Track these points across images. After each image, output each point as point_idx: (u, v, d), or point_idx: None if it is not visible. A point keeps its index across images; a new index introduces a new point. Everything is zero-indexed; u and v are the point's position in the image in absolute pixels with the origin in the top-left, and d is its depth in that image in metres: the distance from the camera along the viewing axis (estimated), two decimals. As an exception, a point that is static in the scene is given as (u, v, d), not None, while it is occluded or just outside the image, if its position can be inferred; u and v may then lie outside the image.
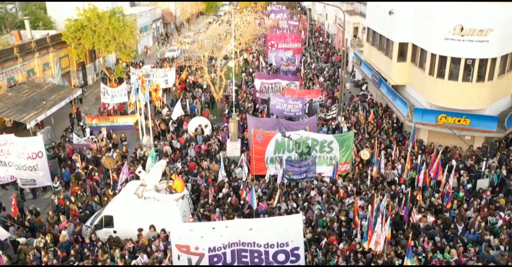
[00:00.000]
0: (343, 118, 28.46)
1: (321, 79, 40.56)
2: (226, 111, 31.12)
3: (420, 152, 23.59)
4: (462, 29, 21.67)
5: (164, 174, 18.76)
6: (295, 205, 18.98)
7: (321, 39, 63.49)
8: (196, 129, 26.18)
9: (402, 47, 26.99)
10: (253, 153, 21.12)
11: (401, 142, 25.66)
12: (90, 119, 29.67)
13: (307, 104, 27.51)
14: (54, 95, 31.40)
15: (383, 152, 22.99)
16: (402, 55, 27.16)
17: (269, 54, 46.83)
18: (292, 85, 33.02)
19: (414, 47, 26.24)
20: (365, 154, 22.67)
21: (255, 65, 46.67)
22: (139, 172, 17.50)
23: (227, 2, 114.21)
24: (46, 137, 29.16)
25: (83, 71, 42.91)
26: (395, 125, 28.27)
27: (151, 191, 17.27)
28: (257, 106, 32.63)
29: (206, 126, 26.06)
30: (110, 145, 26.43)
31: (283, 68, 41.19)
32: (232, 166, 22.70)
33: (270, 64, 46.12)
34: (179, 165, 22.66)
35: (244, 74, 42.90)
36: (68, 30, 37.23)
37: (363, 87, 38.79)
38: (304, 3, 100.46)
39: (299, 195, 19.65)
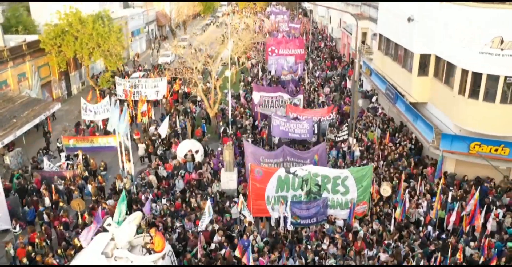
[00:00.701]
0: (354, 140, 24.89)
1: (327, 89, 36.98)
2: (222, 129, 27.52)
3: (448, 185, 20.07)
4: (502, 41, 18.12)
5: (140, 227, 15.18)
6: (303, 260, 15.41)
7: (323, 43, 59.87)
8: (185, 155, 22.57)
9: (424, 59, 23.41)
10: (251, 191, 17.53)
11: (420, 166, 22.13)
12: (67, 139, 25.98)
13: (315, 125, 23.89)
14: (28, 111, 27.80)
15: (405, 184, 19.52)
16: (423, 69, 23.58)
17: (269, 61, 43.21)
18: (295, 100, 29.44)
19: (439, 59, 22.68)
20: (385, 190, 19.11)
21: (254, 73, 43.04)
22: (108, 224, 13.91)
23: (225, 3, 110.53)
24: (15, 161, 25.63)
25: (66, 81, 39.28)
26: (412, 146, 24.72)
27: (123, 250, 13.70)
28: (256, 122, 29.05)
29: (197, 152, 22.45)
30: (86, 173, 22.80)
31: (283, 78, 37.55)
32: (227, 203, 19.14)
33: (270, 72, 42.55)
34: (164, 202, 19.09)
35: (242, 83, 39.30)
36: (47, 36, 33.58)
37: (373, 99, 35.18)
38: (305, 4, 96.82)
39: (309, 247, 16.05)
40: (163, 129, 25.70)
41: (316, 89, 37.40)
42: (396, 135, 26.26)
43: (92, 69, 43.23)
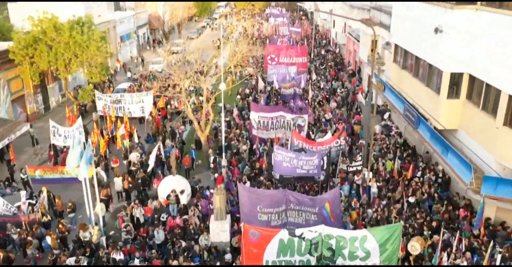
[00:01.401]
0: (370, 173, 21.02)
1: (333, 104, 33.08)
2: (212, 158, 23.55)
3: (490, 237, 16.22)
4: None
5: None
6: None
7: (326, 49, 55.94)
8: (168, 197, 18.64)
9: (455, 78, 19.52)
10: (244, 256, 13.64)
11: (449, 205, 18.31)
12: (33, 170, 21.99)
13: (325, 157, 19.99)
14: (-12, 135, 23.94)
15: (436, 237, 15.73)
16: (454, 90, 19.69)
17: (268, 70, 39.32)
18: (300, 121, 25.54)
19: (473, 80, 18.80)
20: (414, 247, 15.27)
21: (252, 84, 39.10)
22: None
23: (223, 4, 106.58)
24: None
25: (43, 93, 35.32)
26: (438, 179, 20.84)
27: None
28: (253, 147, 25.16)
29: (182, 192, 18.50)
30: (49, 217, 18.85)
31: (284, 92, 33.60)
32: (218, 263, 15.26)
33: (270, 83, 38.63)
34: (137, 262, 15.20)
35: (238, 97, 35.37)
36: (17, 45, 29.60)
37: (385, 116, 31.26)
38: (305, 5, 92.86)
39: None
40: (152, 161, 21.56)
41: (321, 103, 33.50)
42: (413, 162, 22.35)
43: (74, 81, 39.34)
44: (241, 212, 16.27)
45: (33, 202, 19.96)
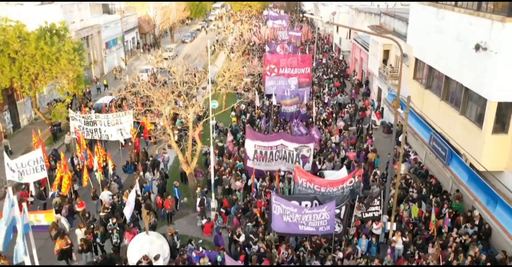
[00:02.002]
0: (394, 224, 16.95)
1: (340, 124, 29.04)
2: (199, 200, 19.44)
3: None
4: None
5: None
6: None
7: (329, 56, 51.87)
8: (139, 263, 14.47)
9: (503, 109, 15.51)
10: None
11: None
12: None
13: (343, 208, 15.90)
14: None
15: None
16: (501, 123, 15.67)
17: (267, 82, 35.33)
18: (305, 150, 21.48)
19: (528, 112, 14.82)
20: None
21: (247, 97, 34.92)
22: None
23: (219, 5, 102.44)
24: None
25: (12, 110, 31.13)
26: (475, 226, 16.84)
27: None
28: (249, 182, 21.09)
29: (156, 258, 14.34)
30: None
31: (285, 110, 29.46)
32: None
33: (268, 97, 34.60)
34: None
35: (233, 113, 31.25)
36: (-26, 59, 25.50)
37: (400, 138, 27.17)
38: (305, 7, 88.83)
39: None
40: (129, 210, 17.30)
41: (327, 122, 29.46)
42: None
43: (50, 94, 35.12)
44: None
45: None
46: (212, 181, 20.02)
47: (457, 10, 17.50)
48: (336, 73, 42.32)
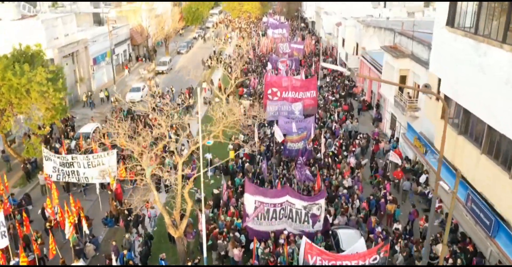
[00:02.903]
0: None
1: (352, 161, 25.63)
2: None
3: None
4: None
5: None
6: None
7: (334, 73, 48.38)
8: None
9: None
10: None
11: None
12: None
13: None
14: None
15: None
16: None
17: (269, 107, 31.85)
18: (315, 208, 18.04)
19: None
20: None
21: (244, 124, 31.39)
22: None
23: (216, 11, 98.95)
24: None
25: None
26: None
27: None
28: (251, 246, 17.65)
29: None
30: None
31: (290, 146, 25.94)
32: None
33: (270, 125, 31.20)
34: None
35: (230, 146, 27.74)
36: None
37: (421, 179, 23.79)
38: (306, 14, 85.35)
39: None
40: None
41: (336, 159, 26.02)
42: None
43: (29, 120, 31.64)
44: None
45: None
46: (205, 244, 16.60)
47: (508, 48, 14.08)
48: (343, 93, 38.87)
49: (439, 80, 21.98)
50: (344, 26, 43.76)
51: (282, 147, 26.95)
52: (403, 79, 27.45)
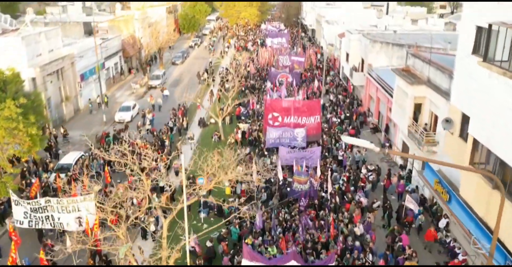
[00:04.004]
0: None
1: (363, 200, 22.89)
2: None
3: None
4: None
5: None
6: None
7: (337, 86, 45.61)
8: None
9: None
10: None
11: None
12: None
13: None
14: None
15: None
16: None
17: (269, 134, 29.15)
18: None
19: None
20: None
21: (244, 154, 28.62)
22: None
23: (213, 17, 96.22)
24: None
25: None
26: None
27: None
28: None
29: None
30: None
31: (296, 187, 23.04)
32: None
33: (270, 154, 28.44)
34: None
35: (227, 183, 24.88)
36: None
37: (441, 224, 21.09)
38: (306, 22, 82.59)
39: None
40: None
41: (346, 197, 23.25)
42: None
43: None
44: None
45: None
46: None
47: None
48: (348, 114, 36.10)
49: (463, 115, 19.32)
50: (348, 40, 41.04)
51: (284, 183, 24.19)
52: (418, 107, 24.72)
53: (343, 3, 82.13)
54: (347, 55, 42.40)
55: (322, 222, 20.54)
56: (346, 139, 9.19)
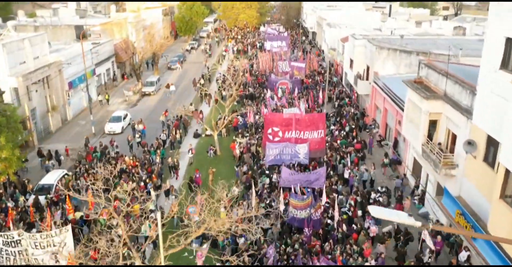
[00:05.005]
0: None
1: (373, 229, 20.57)
2: None
3: None
4: None
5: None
6: None
7: (339, 93, 43.27)
8: None
9: None
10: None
11: None
12: None
13: None
14: None
15: None
16: None
17: (268, 150, 26.87)
18: None
19: None
20: None
21: (241, 177, 26.33)
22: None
23: (211, 19, 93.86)
24: None
25: None
26: None
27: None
28: None
29: None
30: None
31: (294, 213, 20.65)
32: None
33: (270, 173, 26.15)
34: None
35: (223, 210, 22.55)
36: None
37: (461, 256, 18.79)
38: (306, 24, 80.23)
39: None
40: None
41: (354, 225, 20.91)
42: None
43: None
44: None
45: None
46: None
47: None
48: (353, 125, 33.76)
49: (489, 138, 17.05)
50: (353, 45, 38.70)
51: (286, 210, 21.85)
52: (433, 123, 22.40)
53: (344, 4, 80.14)
54: (351, 61, 40.07)
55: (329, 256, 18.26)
56: (373, 211, 6.88)
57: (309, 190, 22.87)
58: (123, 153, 29.74)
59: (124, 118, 37.21)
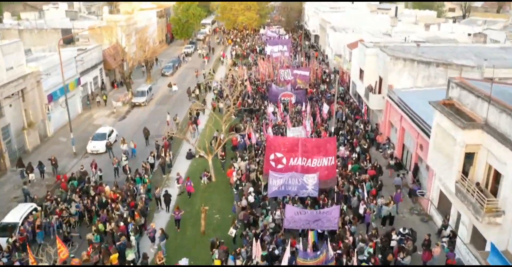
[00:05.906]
0: None
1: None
2: None
3: None
4: None
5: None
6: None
7: (348, 107, 39.49)
8: None
9: None
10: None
11: None
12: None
13: None
14: None
15: None
16: None
17: (271, 180, 22.98)
18: None
19: None
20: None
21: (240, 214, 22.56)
22: None
23: (209, 21, 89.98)
24: None
25: None
26: None
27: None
28: None
29: None
30: None
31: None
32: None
33: (273, 208, 22.44)
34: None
35: (216, 255, 18.77)
36: None
37: None
38: (308, 27, 76.36)
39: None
40: None
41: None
42: None
43: None
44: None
45: None
46: None
47: None
48: (365, 145, 30.02)
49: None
50: (363, 54, 34.90)
51: (293, 258, 18.16)
52: (468, 156, 18.67)
53: (347, 5, 76.38)
54: (361, 72, 36.29)
55: None
56: None
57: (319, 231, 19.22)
58: (105, 181, 26.03)
59: (110, 135, 33.36)
